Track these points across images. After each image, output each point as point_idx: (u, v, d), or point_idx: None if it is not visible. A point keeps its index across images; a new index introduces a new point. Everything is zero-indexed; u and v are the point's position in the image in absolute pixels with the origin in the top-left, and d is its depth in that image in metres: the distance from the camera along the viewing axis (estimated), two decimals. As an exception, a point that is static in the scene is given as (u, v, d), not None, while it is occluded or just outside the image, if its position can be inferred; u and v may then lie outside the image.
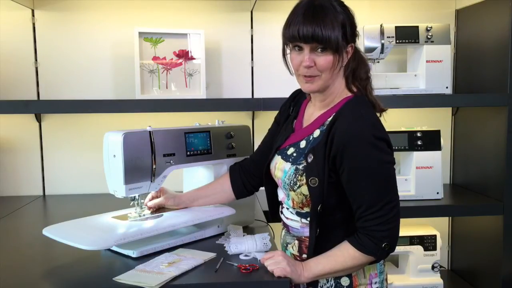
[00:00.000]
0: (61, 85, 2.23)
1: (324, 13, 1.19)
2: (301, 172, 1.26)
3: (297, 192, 1.27)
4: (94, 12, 2.22)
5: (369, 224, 1.20)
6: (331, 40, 1.19)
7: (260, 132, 2.30)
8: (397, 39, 2.12)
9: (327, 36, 1.18)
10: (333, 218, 1.25)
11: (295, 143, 1.34)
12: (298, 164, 1.28)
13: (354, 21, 1.26)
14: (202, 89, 2.11)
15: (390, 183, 1.22)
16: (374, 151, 1.18)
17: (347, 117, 1.22)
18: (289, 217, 1.36)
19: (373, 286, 1.30)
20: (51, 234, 1.32)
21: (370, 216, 1.19)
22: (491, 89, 2.09)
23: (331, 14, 1.19)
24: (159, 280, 1.15)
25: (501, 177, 2.03)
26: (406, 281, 2.15)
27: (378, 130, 1.21)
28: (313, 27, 1.18)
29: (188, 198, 1.53)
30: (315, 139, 1.28)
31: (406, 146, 2.04)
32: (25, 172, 2.27)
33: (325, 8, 1.20)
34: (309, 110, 1.38)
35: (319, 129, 1.29)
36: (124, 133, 1.36)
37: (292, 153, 1.32)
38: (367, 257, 1.22)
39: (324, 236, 1.25)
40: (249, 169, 1.52)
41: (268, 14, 2.28)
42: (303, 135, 1.33)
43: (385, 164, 1.21)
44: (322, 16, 1.18)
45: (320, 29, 1.18)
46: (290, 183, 1.28)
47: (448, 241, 2.49)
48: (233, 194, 1.52)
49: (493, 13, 2.07)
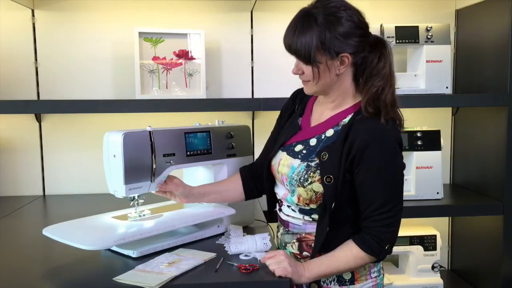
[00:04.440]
0: (61, 85, 2.23)
1: (301, 25, 1.22)
2: (313, 169, 1.27)
3: (307, 189, 1.27)
4: (94, 12, 2.22)
5: (376, 225, 1.22)
6: (301, 52, 1.22)
7: (260, 132, 2.30)
8: (397, 39, 2.12)
9: (297, 48, 1.23)
10: (342, 215, 1.26)
11: (303, 140, 1.34)
12: (310, 161, 1.28)
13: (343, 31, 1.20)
14: (202, 89, 2.11)
15: (401, 187, 1.26)
16: (395, 154, 1.23)
17: (368, 120, 1.23)
18: (290, 214, 1.36)
19: (372, 275, 1.33)
20: (51, 234, 1.32)
21: (378, 217, 1.21)
22: (491, 89, 2.09)
23: (307, 26, 1.21)
24: (159, 280, 1.15)
25: (501, 177, 2.03)
26: (406, 281, 2.15)
27: (399, 134, 1.25)
28: (288, 39, 1.24)
29: (198, 191, 1.51)
30: (328, 138, 1.29)
31: (406, 146, 2.04)
32: (25, 172, 2.27)
33: (305, 20, 1.22)
34: (318, 109, 1.38)
35: (333, 128, 1.30)
36: (124, 133, 1.36)
37: (301, 150, 1.33)
38: (370, 257, 1.24)
39: (333, 233, 1.26)
40: (258, 172, 1.52)
41: (268, 14, 2.28)
42: (313, 133, 1.33)
43: (400, 169, 1.25)
44: (299, 29, 1.22)
45: (293, 41, 1.23)
46: (299, 179, 1.28)
47: (448, 241, 2.49)
48: (243, 194, 1.52)
49: (493, 13, 2.07)
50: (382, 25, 2.11)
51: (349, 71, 1.28)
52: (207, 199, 1.53)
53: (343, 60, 1.24)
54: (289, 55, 1.30)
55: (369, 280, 1.32)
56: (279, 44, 1.30)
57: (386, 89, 1.23)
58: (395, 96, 1.26)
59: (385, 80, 1.24)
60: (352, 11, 1.23)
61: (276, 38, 1.32)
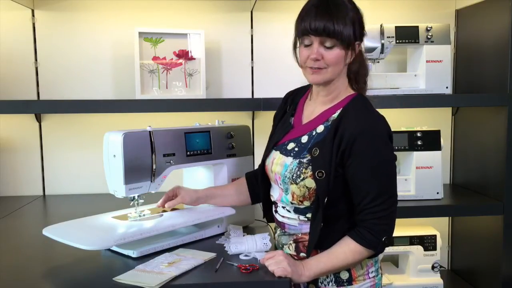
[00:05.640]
0: (61, 85, 2.23)
1: (337, 8, 1.24)
2: (305, 166, 1.27)
3: (300, 185, 1.27)
4: (94, 12, 2.22)
5: (371, 217, 1.23)
6: (343, 35, 1.23)
7: (260, 132, 2.30)
8: (397, 39, 2.12)
9: (339, 30, 1.23)
10: (336, 210, 1.27)
11: (295, 138, 1.35)
12: (302, 158, 1.29)
13: (362, 20, 1.30)
14: (202, 89, 2.11)
15: (393, 179, 1.27)
16: (385, 146, 1.25)
17: (357, 112, 1.26)
18: (286, 215, 1.37)
19: (370, 275, 1.33)
20: (51, 234, 1.32)
21: (373, 209, 1.22)
22: (491, 89, 2.09)
23: (343, 10, 1.24)
24: (159, 280, 1.15)
25: (501, 177, 2.03)
26: (406, 281, 2.15)
27: (388, 127, 1.28)
28: (326, 21, 1.23)
29: (205, 194, 1.52)
30: (319, 134, 1.30)
31: (406, 146, 2.04)
32: (25, 172, 2.27)
33: (338, 4, 1.25)
34: (309, 108, 1.40)
35: (323, 124, 1.31)
36: (124, 133, 1.36)
37: (293, 148, 1.33)
38: (368, 251, 1.25)
39: (327, 229, 1.26)
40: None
41: (268, 14, 2.28)
42: (304, 131, 1.34)
43: (392, 160, 1.27)
44: (335, 11, 1.23)
45: (333, 23, 1.23)
46: (292, 176, 1.29)
47: (448, 241, 2.49)
48: (249, 198, 1.53)
49: (493, 13, 2.07)
50: (382, 25, 2.11)
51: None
52: (213, 201, 1.53)
53: (355, 47, 1.29)
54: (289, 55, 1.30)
55: (367, 280, 1.32)
56: (279, 44, 1.31)
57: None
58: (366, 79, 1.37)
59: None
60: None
61: (276, 38, 1.32)
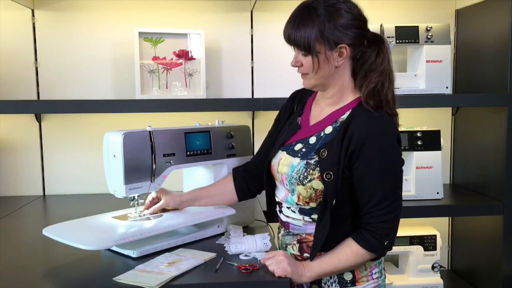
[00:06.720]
0: (61, 85, 2.23)
1: (301, 16, 1.24)
2: (313, 167, 1.27)
3: (307, 186, 1.27)
4: (94, 12, 2.22)
5: (375, 221, 1.22)
6: (300, 42, 1.24)
7: (260, 132, 2.30)
8: (397, 39, 2.12)
9: (297, 38, 1.24)
10: (342, 213, 1.26)
11: (303, 139, 1.34)
12: (309, 159, 1.29)
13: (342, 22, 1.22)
14: (202, 89, 2.11)
15: (400, 183, 1.26)
16: (394, 149, 1.24)
17: (366, 115, 1.24)
18: (290, 215, 1.36)
19: (374, 276, 1.33)
20: (51, 234, 1.32)
21: (377, 213, 1.22)
22: (491, 89, 2.09)
23: (307, 17, 1.23)
24: (159, 280, 1.15)
25: (501, 177, 2.03)
26: (406, 281, 2.15)
27: (397, 130, 1.26)
28: (288, 30, 1.26)
29: (190, 198, 1.52)
30: (327, 135, 1.29)
31: (406, 146, 2.04)
32: (25, 172, 2.27)
33: (305, 11, 1.24)
34: (317, 108, 1.39)
35: (332, 125, 1.30)
36: (124, 133, 1.36)
37: (300, 149, 1.33)
38: (370, 254, 1.24)
39: (333, 231, 1.26)
40: (252, 172, 1.52)
41: (268, 14, 2.28)
42: (312, 132, 1.34)
43: (400, 164, 1.26)
44: (298, 19, 1.24)
45: (293, 31, 1.25)
46: (299, 177, 1.28)
47: (448, 241, 2.49)
48: (236, 196, 1.52)
49: (493, 13, 2.07)
50: (382, 25, 2.11)
51: (348, 65, 1.29)
52: (198, 203, 1.53)
53: (342, 51, 1.25)
54: (289, 55, 1.30)
55: (371, 281, 1.32)
56: (279, 44, 1.31)
57: (385, 85, 1.26)
58: (394, 93, 1.28)
59: (384, 76, 1.26)
60: (351, 4, 1.26)
61: (276, 38, 1.33)
